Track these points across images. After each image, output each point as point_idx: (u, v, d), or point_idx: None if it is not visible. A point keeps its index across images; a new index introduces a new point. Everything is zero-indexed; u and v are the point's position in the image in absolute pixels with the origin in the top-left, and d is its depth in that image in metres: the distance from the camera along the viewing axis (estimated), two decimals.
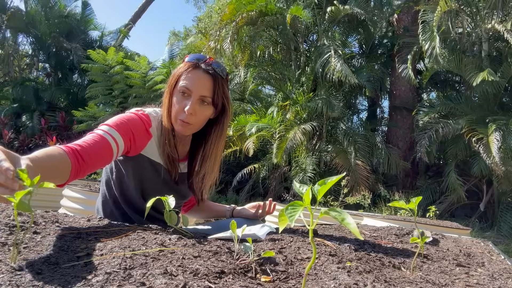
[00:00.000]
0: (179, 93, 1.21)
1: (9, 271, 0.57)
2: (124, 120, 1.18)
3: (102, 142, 1.09)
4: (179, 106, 1.20)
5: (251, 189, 9.19)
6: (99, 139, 1.09)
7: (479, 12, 7.54)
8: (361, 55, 10.02)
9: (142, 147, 1.23)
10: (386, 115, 10.88)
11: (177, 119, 1.20)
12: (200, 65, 1.20)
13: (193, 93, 1.19)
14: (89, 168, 1.06)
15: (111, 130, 1.13)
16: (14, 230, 0.79)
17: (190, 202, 1.54)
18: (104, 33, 12.68)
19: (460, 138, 7.48)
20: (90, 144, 1.07)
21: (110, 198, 1.32)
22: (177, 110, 1.20)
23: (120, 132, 1.14)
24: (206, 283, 0.60)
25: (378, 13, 9.13)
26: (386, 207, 6.61)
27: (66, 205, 3.13)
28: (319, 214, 0.55)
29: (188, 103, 1.18)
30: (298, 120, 8.18)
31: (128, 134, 1.16)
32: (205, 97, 1.20)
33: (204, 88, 1.19)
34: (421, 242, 0.93)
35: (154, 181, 1.26)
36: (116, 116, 1.21)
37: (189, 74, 1.20)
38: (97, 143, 1.08)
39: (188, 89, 1.19)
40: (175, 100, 1.21)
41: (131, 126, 1.18)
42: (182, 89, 1.19)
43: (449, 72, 9.24)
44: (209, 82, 1.20)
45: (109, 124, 1.15)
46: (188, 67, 1.21)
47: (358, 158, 7.78)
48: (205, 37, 11.24)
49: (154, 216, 1.31)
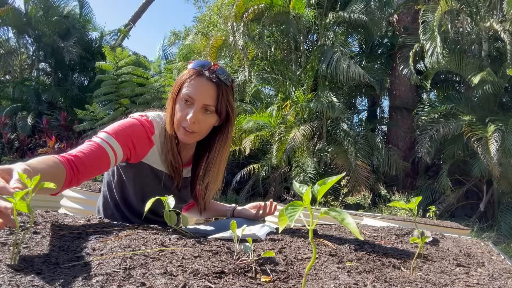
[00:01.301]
0: (182, 100, 1.18)
1: (9, 271, 0.57)
2: (124, 127, 1.16)
3: (98, 151, 1.08)
4: (181, 114, 1.17)
5: (251, 189, 9.19)
6: (95, 148, 1.08)
7: (479, 12, 7.54)
8: (361, 55, 10.03)
9: (143, 155, 1.21)
10: (386, 115, 10.89)
11: (180, 127, 1.18)
12: (204, 73, 1.18)
13: (196, 102, 1.16)
14: (84, 177, 1.05)
15: (110, 138, 1.11)
16: (14, 230, 0.79)
17: (190, 202, 1.54)
18: (103, 33, 12.69)
19: (459, 138, 7.49)
20: (85, 154, 1.05)
21: (111, 200, 1.32)
22: (179, 118, 1.18)
23: (118, 140, 1.12)
24: (206, 283, 0.60)
25: (378, 13, 9.13)
26: (386, 207, 6.62)
27: (66, 205, 3.13)
28: (319, 214, 0.55)
29: (191, 111, 1.16)
30: (298, 120, 8.18)
31: (127, 142, 1.14)
32: (208, 106, 1.17)
33: (208, 97, 1.17)
34: (421, 242, 0.93)
35: (155, 188, 1.25)
36: (117, 122, 1.18)
37: (192, 81, 1.17)
38: (93, 152, 1.07)
39: (191, 97, 1.16)
40: (178, 108, 1.19)
41: (131, 134, 1.15)
42: (185, 97, 1.17)
43: (449, 72, 9.24)
44: (212, 90, 1.17)
45: (108, 131, 1.13)
46: (192, 75, 1.18)
47: (358, 158, 7.78)
48: (205, 37, 11.23)
49: (154, 219, 1.30)
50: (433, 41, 7.32)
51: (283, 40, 9.37)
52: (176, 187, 1.29)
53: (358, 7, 8.31)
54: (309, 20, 8.39)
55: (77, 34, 11.38)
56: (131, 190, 1.26)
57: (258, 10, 8.25)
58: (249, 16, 8.24)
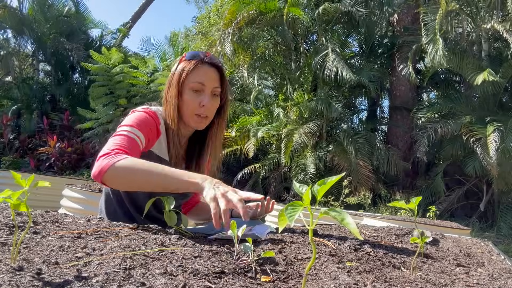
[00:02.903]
0: (190, 90, 1.24)
1: (9, 271, 0.57)
2: (140, 118, 1.21)
3: (133, 142, 1.14)
4: (194, 102, 1.23)
5: (251, 189, 9.19)
6: (128, 139, 1.13)
7: (479, 12, 7.54)
8: (361, 55, 10.02)
9: (152, 144, 1.26)
10: (386, 115, 10.88)
11: (193, 115, 1.24)
12: (205, 60, 1.25)
13: (206, 87, 1.24)
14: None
15: (134, 129, 1.17)
16: (14, 230, 0.79)
17: (190, 203, 1.53)
18: (104, 33, 12.69)
19: (458, 138, 7.48)
20: (128, 147, 1.11)
21: (114, 197, 1.32)
22: (192, 107, 1.23)
23: (141, 131, 1.18)
24: (206, 283, 0.60)
25: (378, 13, 9.12)
26: (386, 207, 6.62)
27: (66, 205, 3.13)
28: (319, 214, 0.55)
29: (204, 97, 1.23)
30: (300, 120, 8.19)
31: (147, 131, 1.20)
32: (216, 89, 1.26)
33: (215, 81, 1.26)
34: (421, 242, 0.93)
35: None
36: (129, 116, 1.23)
37: (197, 70, 1.24)
38: (130, 143, 1.13)
39: (203, 84, 1.23)
40: (188, 98, 1.24)
41: (147, 124, 1.21)
42: (195, 85, 1.23)
43: (449, 72, 9.24)
44: (215, 74, 1.26)
45: (129, 124, 1.18)
46: (195, 64, 1.24)
47: (358, 158, 7.78)
48: (205, 37, 11.24)
49: (156, 216, 1.31)
50: (436, 44, 7.31)
51: (282, 41, 9.36)
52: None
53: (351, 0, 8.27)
54: (307, 20, 8.38)
55: (82, 35, 11.38)
56: None
57: (249, 16, 8.26)
58: (240, 23, 8.25)
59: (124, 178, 1.04)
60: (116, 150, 1.07)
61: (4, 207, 1.01)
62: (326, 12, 8.11)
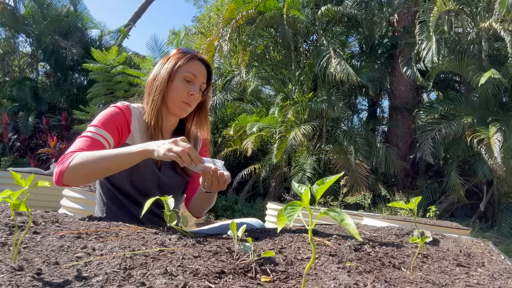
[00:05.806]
0: (182, 79, 1.32)
1: (9, 271, 0.57)
2: (107, 116, 1.27)
3: (94, 143, 1.19)
4: (183, 90, 1.32)
5: (251, 189, 9.19)
6: (91, 141, 1.19)
7: (479, 12, 7.54)
8: (361, 55, 10.01)
9: (126, 137, 1.31)
10: (386, 115, 10.87)
11: (180, 102, 1.32)
12: (198, 57, 1.38)
13: (197, 80, 1.35)
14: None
15: (98, 129, 1.22)
16: (14, 230, 0.79)
17: (189, 193, 1.51)
18: (103, 33, 12.66)
19: (461, 139, 7.48)
20: (86, 148, 1.17)
21: (104, 195, 1.35)
22: (181, 94, 1.32)
23: (106, 129, 1.23)
24: (206, 283, 0.60)
25: (378, 13, 9.12)
26: (386, 207, 6.61)
27: (66, 205, 3.13)
28: (318, 214, 0.55)
29: (193, 88, 1.33)
30: (299, 120, 8.18)
31: (112, 128, 1.25)
32: (203, 84, 1.38)
33: (204, 77, 1.38)
34: (421, 242, 0.93)
35: (140, 166, 1.24)
36: (101, 113, 1.29)
37: (192, 63, 1.34)
38: (91, 145, 1.18)
39: (195, 76, 1.33)
40: (178, 85, 1.31)
41: (115, 120, 1.27)
42: (188, 75, 1.32)
43: (449, 72, 9.23)
44: (205, 71, 1.39)
45: (94, 124, 1.24)
46: (190, 58, 1.34)
47: (358, 158, 7.77)
48: (205, 37, 11.24)
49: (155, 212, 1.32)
50: (429, 41, 7.32)
51: (282, 40, 9.36)
52: (158, 168, 1.34)
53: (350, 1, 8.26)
54: (306, 20, 8.36)
55: (78, 33, 11.37)
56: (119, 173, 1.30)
57: (248, 16, 8.27)
58: (239, 22, 8.25)
59: (81, 174, 1.10)
60: (69, 154, 1.14)
61: (4, 207, 1.01)
62: (327, 13, 8.11)
